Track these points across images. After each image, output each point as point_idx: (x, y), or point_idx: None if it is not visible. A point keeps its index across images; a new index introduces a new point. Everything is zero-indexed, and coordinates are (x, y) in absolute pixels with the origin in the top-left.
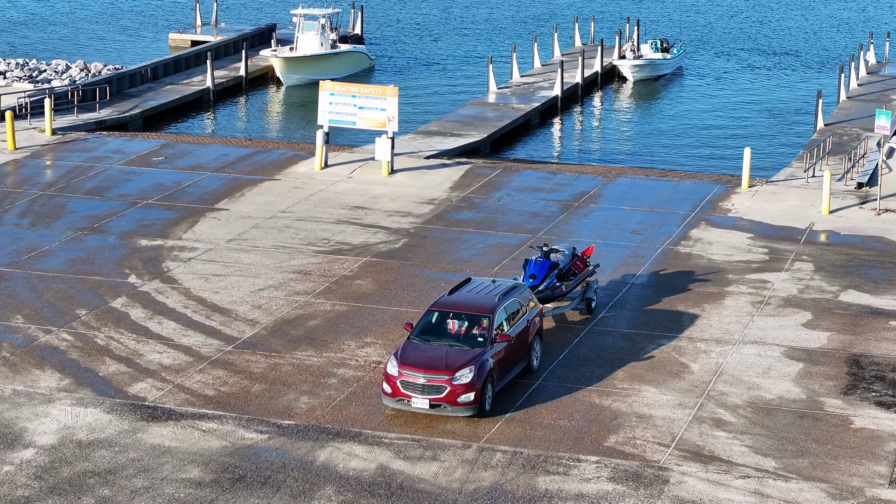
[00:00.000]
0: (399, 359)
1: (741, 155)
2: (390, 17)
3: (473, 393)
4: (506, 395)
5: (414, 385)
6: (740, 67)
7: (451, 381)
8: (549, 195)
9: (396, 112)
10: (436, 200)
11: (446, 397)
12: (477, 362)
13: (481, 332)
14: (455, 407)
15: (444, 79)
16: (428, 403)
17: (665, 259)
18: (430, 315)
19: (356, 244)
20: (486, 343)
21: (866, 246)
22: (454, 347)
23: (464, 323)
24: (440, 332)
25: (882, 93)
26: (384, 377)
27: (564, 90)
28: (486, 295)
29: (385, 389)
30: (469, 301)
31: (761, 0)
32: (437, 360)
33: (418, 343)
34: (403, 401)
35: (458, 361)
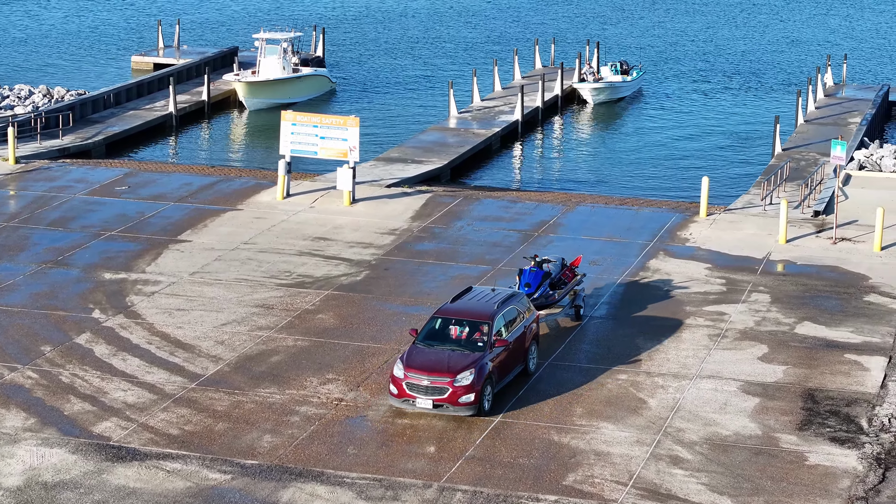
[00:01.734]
0: (405, 362)
1: (700, 181)
2: (351, 40)
3: (473, 394)
4: (465, 433)
5: (418, 386)
6: (700, 90)
7: (453, 383)
8: (509, 224)
9: (358, 142)
10: (397, 231)
11: (448, 398)
12: (477, 365)
13: (481, 338)
14: (457, 407)
15: (405, 102)
16: (431, 403)
17: (624, 290)
18: (433, 321)
19: (318, 277)
20: (486, 347)
21: (822, 276)
22: (456, 352)
23: (465, 328)
24: (443, 337)
25: (839, 116)
26: (391, 379)
27: (525, 114)
28: (485, 303)
29: (391, 391)
30: (470, 308)
31: (721, 22)
32: (439, 364)
33: (422, 347)
34: (408, 401)
35: (460, 364)
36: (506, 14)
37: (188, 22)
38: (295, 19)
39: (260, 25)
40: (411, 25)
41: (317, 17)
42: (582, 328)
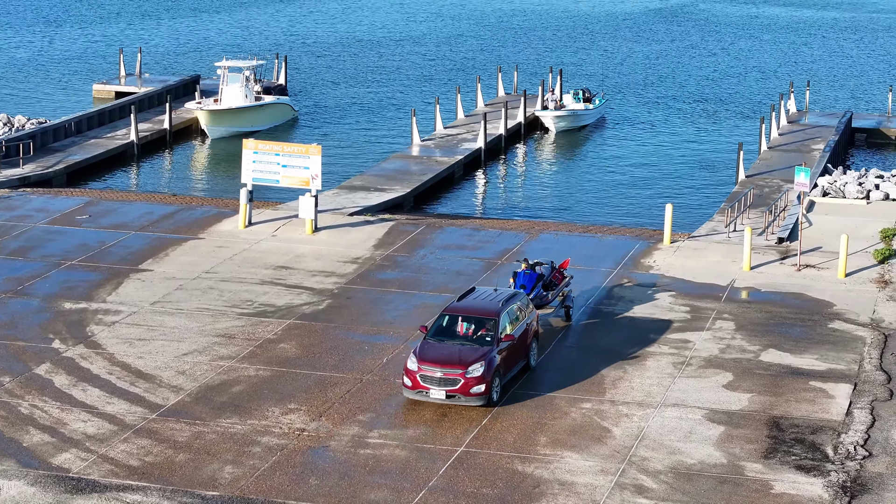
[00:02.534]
0: (418, 356)
1: (663, 208)
2: (314, 67)
3: (484, 385)
4: (428, 463)
5: (432, 378)
6: (662, 117)
7: (465, 375)
8: (472, 253)
9: (320, 170)
10: (359, 259)
11: (460, 389)
12: (486, 358)
13: (489, 333)
14: (468, 397)
15: (367, 130)
16: (444, 394)
17: (588, 319)
18: (443, 318)
19: (280, 306)
20: (494, 342)
21: (787, 303)
22: (466, 346)
23: (473, 325)
24: (452, 332)
25: (803, 142)
26: (404, 372)
27: (488, 142)
28: (491, 301)
29: (405, 383)
30: (477, 306)
31: (683, 49)
32: (451, 357)
33: (434, 342)
34: (422, 392)
35: (471, 357)
36: (469, 42)
37: (150, 50)
38: (257, 48)
39: (222, 53)
40: (374, 53)
41: (279, 46)
42: (547, 356)
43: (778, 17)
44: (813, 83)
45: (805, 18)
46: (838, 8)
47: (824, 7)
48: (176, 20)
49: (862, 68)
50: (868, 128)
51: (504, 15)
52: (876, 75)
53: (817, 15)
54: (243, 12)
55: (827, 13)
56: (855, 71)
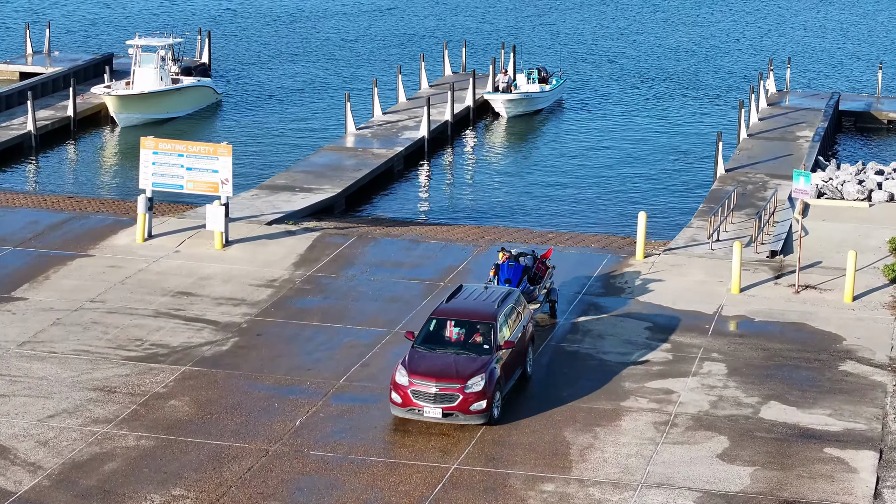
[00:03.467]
0: (407, 367)
1: (632, 207)
2: (242, 44)
3: (485, 401)
4: None
5: (426, 395)
6: (628, 98)
7: (464, 390)
8: (410, 272)
9: (231, 173)
10: (276, 282)
11: (459, 406)
12: (487, 369)
13: (486, 339)
14: (468, 415)
15: (298, 116)
16: (441, 413)
17: (549, 362)
18: (432, 322)
19: (175, 346)
20: (492, 350)
21: (787, 337)
22: (462, 355)
23: (468, 330)
24: (444, 339)
25: (786, 129)
26: (392, 386)
27: (432, 130)
28: (484, 301)
29: (394, 399)
30: (470, 308)
31: (650, 22)
32: (447, 369)
33: (424, 351)
34: (414, 410)
35: (469, 369)
36: (412, 13)
37: (62, 25)
38: (180, 21)
39: (139, 29)
40: (309, 27)
41: (203, 19)
42: (500, 414)
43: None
44: (794, 60)
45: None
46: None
47: None
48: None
49: (846, 43)
50: (857, 111)
51: None
52: (862, 51)
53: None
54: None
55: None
56: (839, 46)
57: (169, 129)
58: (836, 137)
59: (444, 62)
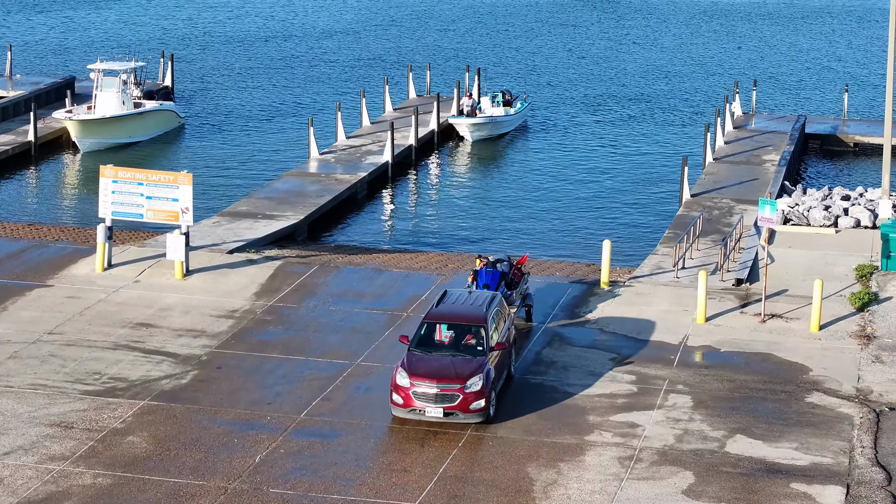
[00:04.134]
0: (407, 369)
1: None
2: (205, 67)
3: (484, 399)
4: None
5: (427, 395)
6: (592, 120)
7: (464, 390)
8: (373, 302)
9: (191, 202)
10: (237, 312)
11: (459, 405)
12: (484, 370)
13: (480, 341)
14: (467, 414)
15: (262, 141)
16: (442, 412)
17: (512, 394)
18: (426, 326)
19: (134, 380)
20: (486, 351)
21: (753, 368)
22: (458, 357)
23: (461, 332)
24: (439, 342)
25: (752, 153)
26: (393, 388)
27: (395, 155)
28: (472, 305)
29: (395, 400)
30: (461, 312)
31: (615, 43)
32: (446, 370)
33: (421, 354)
34: (416, 411)
35: (468, 370)
36: (376, 36)
37: (23, 48)
38: (142, 44)
39: (101, 52)
40: (273, 50)
41: (166, 42)
42: (461, 449)
43: (720, 5)
44: (760, 82)
45: (748, 7)
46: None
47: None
48: (58, 13)
49: (812, 65)
50: (823, 133)
51: (415, 5)
52: (828, 73)
53: (761, 2)
54: (130, 4)
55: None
56: (805, 68)
57: (131, 153)
58: (803, 160)
59: (409, 85)
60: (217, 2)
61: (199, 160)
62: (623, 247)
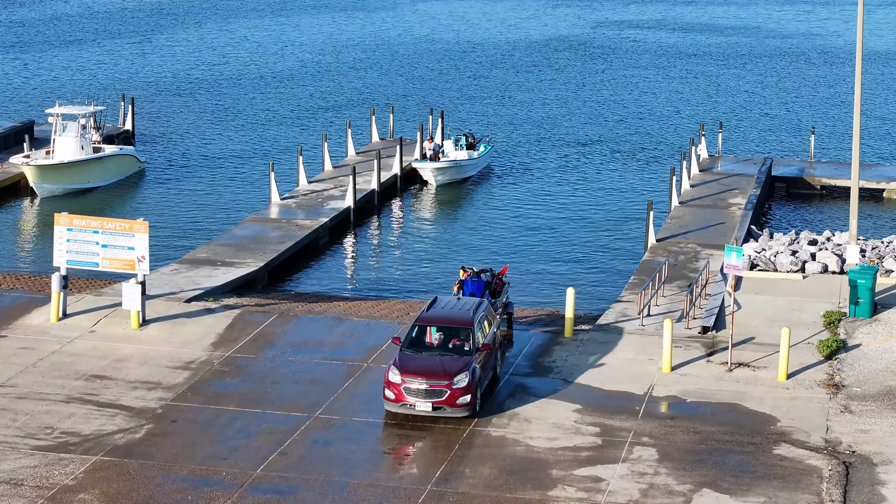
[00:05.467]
0: (399, 367)
1: (562, 280)
2: (167, 111)
3: (470, 395)
4: None
5: (417, 390)
6: (556, 164)
7: (451, 386)
8: (332, 352)
9: (147, 250)
10: (194, 363)
11: (447, 400)
12: (470, 368)
13: (467, 342)
14: (455, 408)
15: (223, 185)
16: (431, 406)
17: (472, 449)
18: (416, 328)
19: (87, 434)
20: (472, 351)
21: (719, 419)
22: (447, 356)
23: (450, 334)
24: (430, 343)
25: (718, 196)
26: (385, 384)
27: (357, 200)
28: (460, 309)
29: (388, 396)
30: (450, 315)
31: (578, 83)
32: (435, 367)
33: (412, 353)
34: (407, 405)
35: (455, 367)
36: (338, 79)
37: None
38: (103, 88)
39: (61, 96)
40: (234, 93)
41: (128, 86)
42: None
43: (685, 47)
44: (725, 124)
45: (713, 49)
46: (750, 34)
47: (734, 33)
48: (16, 55)
49: (779, 107)
50: (789, 176)
51: (378, 48)
52: (795, 116)
53: (726, 44)
54: (90, 47)
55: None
56: (771, 110)
57: (90, 199)
58: (769, 203)
59: (371, 128)
60: (178, 44)
61: (158, 205)
62: (588, 292)
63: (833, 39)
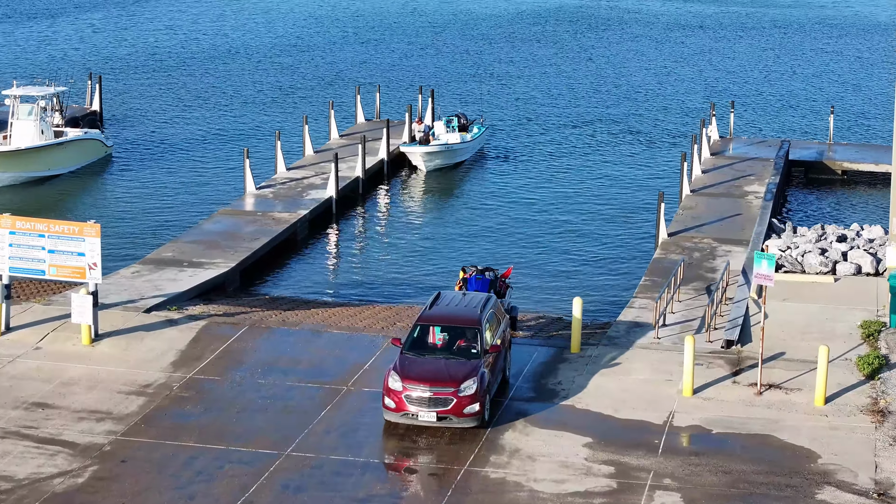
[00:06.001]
0: (400, 372)
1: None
2: (138, 90)
3: (478, 403)
4: None
5: (421, 399)
6: (558, 147)
7: (457, 393)
8: (308, 372)
9: (99, 256)
10: (150, 387)
11: (453, 409)
12: (478, 373)
13: (474, 344)
14: (461, 418)
15: (196, 171)
16: (435, 416)
17: (468, 496)
18: (419, 329)
19: (21, 479)
20: (480, 354)
21: (751, 455)
22: (452, 360)
23: (454, 335)
24: (432, 345)
25: (733, 183)
26: (385, 392)
27: (340, 189)
28: (466, 307)
29: (388, 405)
30: (455, 314)
31: (579, 58)
32: (439, 373)
33: (413, 357)
34: (409, 415)
35: (461, 373)
36: (321, 55)
37: None
38: (70, 65)
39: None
40: (210, 70)
41: (96, 63)
42: None
43: (692, 20)
44: (737, 103)
45: (722, 21)
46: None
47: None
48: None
49: (794, 85)
50: (808, 160)
51: (362, 22)
52: (811, 93)
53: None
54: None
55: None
56: (786, 88)
57: (49, 189)
58: (786, 191)
59: (357, 109)
60: (151, 18)
61: (124, 196)
62: (595, 294)
63: (848, 9)
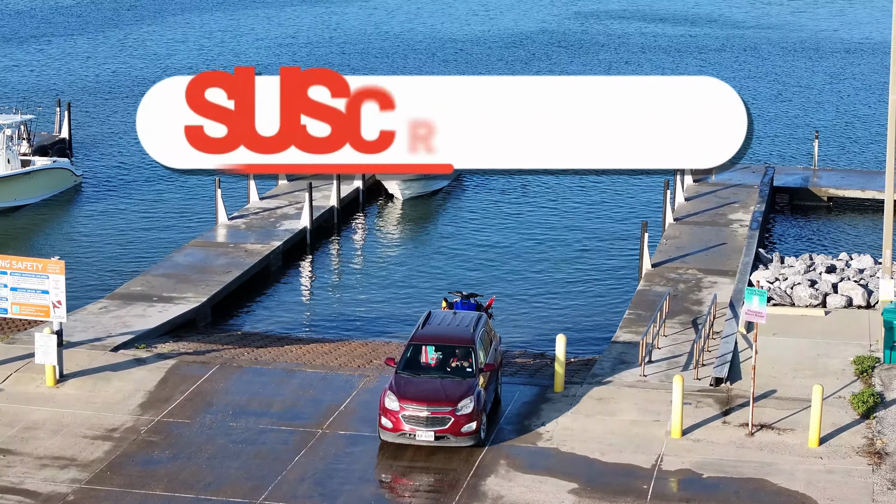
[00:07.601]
0: (396, 392)
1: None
2: (107, 116)
3: (475, 422)
4: None
5: (418, 418)
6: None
7: (455, 413)
8: (282, 414)
9: (64, 294)
10: (117, 432)
11: (450, 428)
12: (474, 392)
13: (469, 363)
14: (459, 437)
15: (168, 201)
16: (433, 435)
17: None
18: (412, 348)
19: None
20: (475, 373)
21: (745, 500)
22: (447, 379)
23: (449, 354)
24: (426, 364)
25: (716, 210)
26: (382, 412)
27: (314, 219)
28: (459, 326)
29: (384, 425)
30: (448, 333)
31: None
32: (436, 392)
33: (409, 376)
34: (406, 435)
35: (458, 392)
36: None
37: None
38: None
39: None
40: None
41: (64, 89)
42: None
43: (669, 40)
44: None
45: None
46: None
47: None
48: None
49: (776, 108)
50: (793, 187)
51: (339, 42)
52: (794, 118)
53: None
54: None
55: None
56: (768, 111)
57: (14, 220)
58: (770, 219)
59: None
60: (121, 43)
61: (93, 227)
62: (578, 329)
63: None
